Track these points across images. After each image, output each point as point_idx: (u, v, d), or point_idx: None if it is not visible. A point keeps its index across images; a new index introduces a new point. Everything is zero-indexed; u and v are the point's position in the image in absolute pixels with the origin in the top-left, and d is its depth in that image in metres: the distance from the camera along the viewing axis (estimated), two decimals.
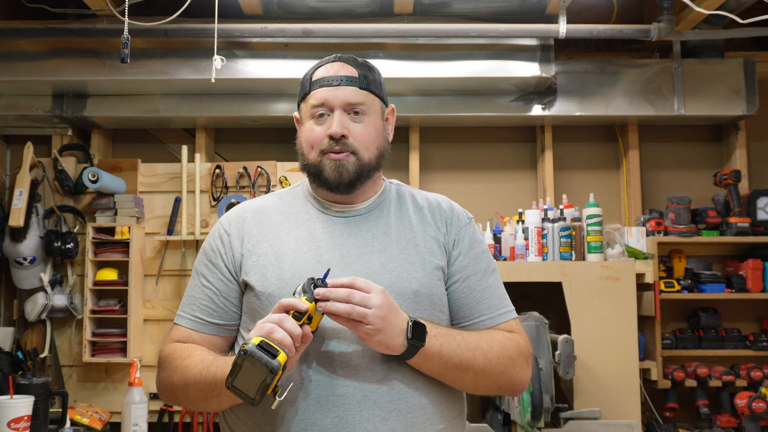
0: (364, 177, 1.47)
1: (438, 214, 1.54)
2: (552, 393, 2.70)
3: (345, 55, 1.53)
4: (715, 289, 3.51)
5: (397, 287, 1.41)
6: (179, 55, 3.35)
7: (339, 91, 1.46)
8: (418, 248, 1.47)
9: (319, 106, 1.46)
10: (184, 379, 1.40)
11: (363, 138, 1.46)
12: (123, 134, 3.90)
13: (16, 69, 3.35)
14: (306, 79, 1.52)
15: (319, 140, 1.46)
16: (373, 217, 1.51)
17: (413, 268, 1.45)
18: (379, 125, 1.51)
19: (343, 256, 1.44)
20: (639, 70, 3.57)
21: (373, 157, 1.48)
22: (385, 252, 1.46)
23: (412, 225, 1.51)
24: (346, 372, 1.35)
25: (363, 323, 1.29)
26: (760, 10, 3.05)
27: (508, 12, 3.36)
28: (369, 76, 1.50)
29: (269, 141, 3.85)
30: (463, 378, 1.41)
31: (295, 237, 1.47)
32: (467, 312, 1.49)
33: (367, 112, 1.48)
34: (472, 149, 3.92)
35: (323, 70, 1.50)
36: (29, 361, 3.33)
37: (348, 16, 3.38)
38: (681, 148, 3.91)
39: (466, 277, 1.49)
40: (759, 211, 3.57)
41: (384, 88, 1.55)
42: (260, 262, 1.44)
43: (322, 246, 1.46)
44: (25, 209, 3.33)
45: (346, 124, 1.45)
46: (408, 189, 1.61)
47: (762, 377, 3.39)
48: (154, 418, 3.34)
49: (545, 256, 3.25)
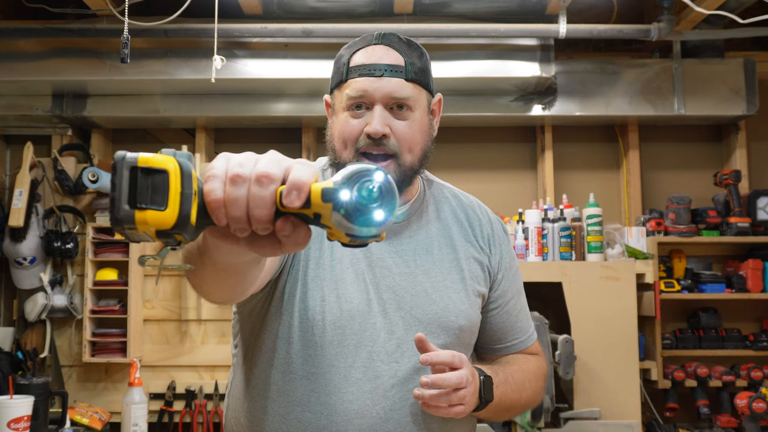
0: (404, 184, 1.30)
1: (479, 230, 1.39)
2: (552, 393, 2.71)
3: (390, 34, 1.30)
4: (715, 289, 3.51)
5: (443, 322, 1.29)
6: (179, 55, 3.35)
7: (382, 83, 1.24)
8: (462, 273, 1.33)
9: (357, 99, 1.26)
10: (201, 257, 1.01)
11: (407, 138, 1.26)
12: (123, 134, 3.90)
13: (16, 69, 3.35)
14: (342, 62, 1.29)
15: (355, 136, 1.26)
16: (413, 228, 1.34)
17: (458, 298, 1.31)
18: (425, 122, 1.31)
19: (385, 276, 1.29)
20: (639, 70, 3.57)
21: (416, 160, 1.30)
22: (429, 276, 1.30)
23: (454, 243, 1.35)
24: (382, 408, 1.24)
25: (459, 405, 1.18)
26: (760, 10, 3.05)
27: (508, 12, 3.36)
28: (417, 64, 1.28)
29: (269, 141, 3.85)
30: (506, 416, 1.40)
31: (331, 251, 1.29)
32: (502, 336, 1.42)
33: (413, 107, 1.27)
34: (472, 149, 3.92)
35: (363, 54, 1.27)
36: (29, 361, 3.33)
37: (348, 16, 3.38)
38: (681, 148, 3.91)
39: (506, 303, 1.42)
40: (759, 211, 3.57)
41: (431, 75, 1.34)
42: (293, 275, 1.28)
43: (360, 265, 1.28)
44: (25, 209, 3.33)
45: (389, 121, 1.25)
46: (441, 189, 1.44)
47: (762, 377, 3.39)
48: (154, 418, 3.34)
49: (545, 256, 3.25)
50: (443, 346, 1.27)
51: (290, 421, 1.26)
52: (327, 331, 1.26)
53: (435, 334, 1.28)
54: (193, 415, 3.35)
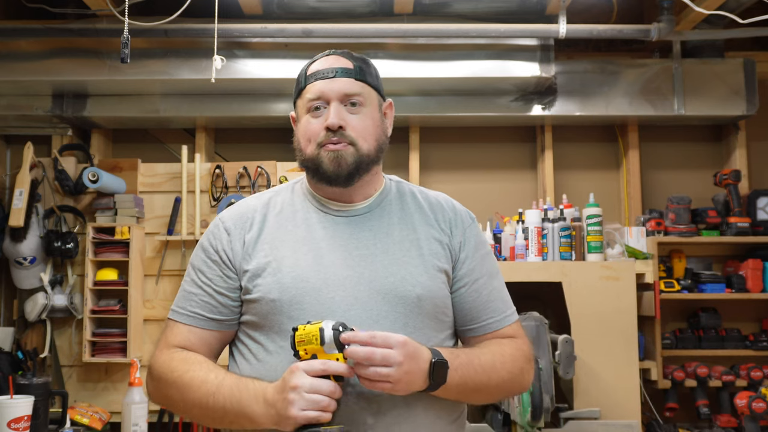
0: (362, 169, 1.44)
1: (441, 215, 1.51)
2: (552, 393, 2.70)
3: (340, 50, 1.51)
4: (715, 289, 3.51)
5: (400, 291, 1.39)
6: (179, 55, 3.35)
7: (335, 83, 1.43)
8: (421, 250, 1.45)
9: (315, 100, 1.44)
10: (184, 398, 1.37)
11: (360, 129, 1.43)
12: (123, 134, 3.90)
13: (16, 69, 3.35)
14: (301, 74, 1.50)
15: (316, 133, 1.43)
16: (375, 216, 1.48)
17: (417, 271, 1.42)
18: (377, 117, 1.48)
19: (345, 258, 1.41)
20: (639, 70, 3.57)
21: (372, 149, 1.45)
22: (388, 254, 1.43)
23: (415, 226, 1.48)
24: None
25: (385, 382, 1.26)
26: (760, 10, 3.05)
27: (508, 12, 3.36)
28: (364, 68, 1.48)
29: (269, 141, 3.85)
30: (477, 398, 1.45)
31: (294, 237, 1.44)
32: (474, 316, 1.48)
33: (364, 103, 1.45)
34: (472, 149, 3.92)
35: (318, 63, 1.49)
36: (29, 361, 3.33)
37: (348, 16, 3.38)
38: (681, 148, 3.91)
39: (474, 281, 1.48)
40: (759, 211, 3.57)
41: (380, 82, 1.52)
42: (260, 265, 1.41)
43: (322, 247, 1.43)
44: (25, 209, 3.33)
45: (343, 115, 1.42)
46: (408, 186, 1.57)
47: (762, 377, 3.39)
48: (154, 418, 3.34)
49: (545, 256, 3.25)
50: (402, 314, 1.38)
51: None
52: (284, 309, 1.38)
53: (392, 303, 1.38)
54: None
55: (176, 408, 1.45)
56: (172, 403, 1.42)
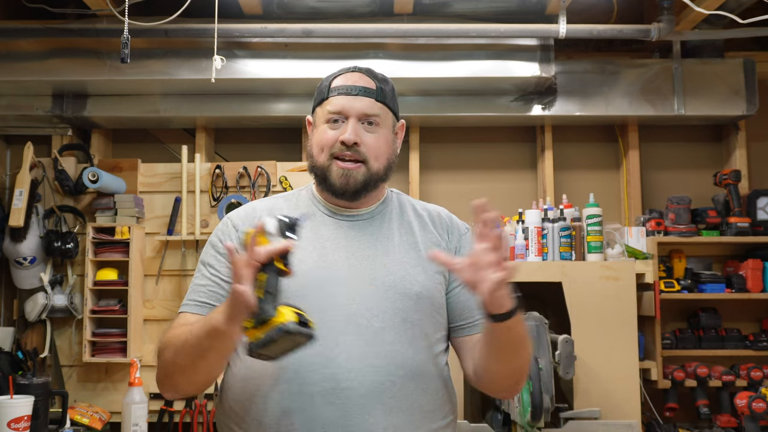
0: (370, 187, 1.53)
1: (438, 222, 1.61)
2: (552, 393, 2.70)
3: (364, 67, 1.59)
4: (715, 289, 3.51)
5: (400, 288, 1.47)
6: (179, 55, 3.35)
7: (356, 101, 1.51)
8: (420, 253, 1.53)
9: (335, 113, 1.52)
10: (174, 350, 1.39)
11: (374, 148, 1.51)
12: (123, 134, 3.90)
13: (16, 69, 3.35)
14: (324, 85, 1.58)
15: (330, 143, 1.51)
16: (376, 222, 1.57)
17: (415, 272, 1.50)
18: (390, 138, 1.56)
19: (348, 257, 1.49)
20: (639, 70, 3.57)
21: (382, 168, 1.53)
22: (389, 255, 1.51)
23: (414, 231, 1.57)
24: (351, 366, 1.38)
25: (503, 273, 1.25)
26: (760, 10, 3.05)
27: (508, 12, 3.36)
28: (385, 90, 1.56)
29: (269, 141, 3.85)
30: (511, 361, 1.45)
31: (299, 235, 1.47)
32: (468, 314, 1.54)
33: (380, 123, 1.53)
34: (472, 149, 3.92)
35: (342, 79, 1.56)
36: (29, 361, 3.33)
37: (348, 16, 3.38)
38: (681, 148, 3.91)
39: None
40: (759, 211, 3.57)
41: (397, 103, 1.60)
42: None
43: (327, 246, 1.50)
44: (25, 209, 3.33)
45: (360, 132, 1.50)
46: (408, 199, 1.66)
47: (762, 377, 3.39)
48: (154, 418, 3.34)
49: (545, 256, 3.25)
50: (401, 310, 1.45)
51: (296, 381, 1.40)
52: (287, 303, 1.36)
53: (392, 299, 1.46)
54: (193, 415, 3.36)
55: (169, 371, 1.42)
56: (166, 365, 1.42)
